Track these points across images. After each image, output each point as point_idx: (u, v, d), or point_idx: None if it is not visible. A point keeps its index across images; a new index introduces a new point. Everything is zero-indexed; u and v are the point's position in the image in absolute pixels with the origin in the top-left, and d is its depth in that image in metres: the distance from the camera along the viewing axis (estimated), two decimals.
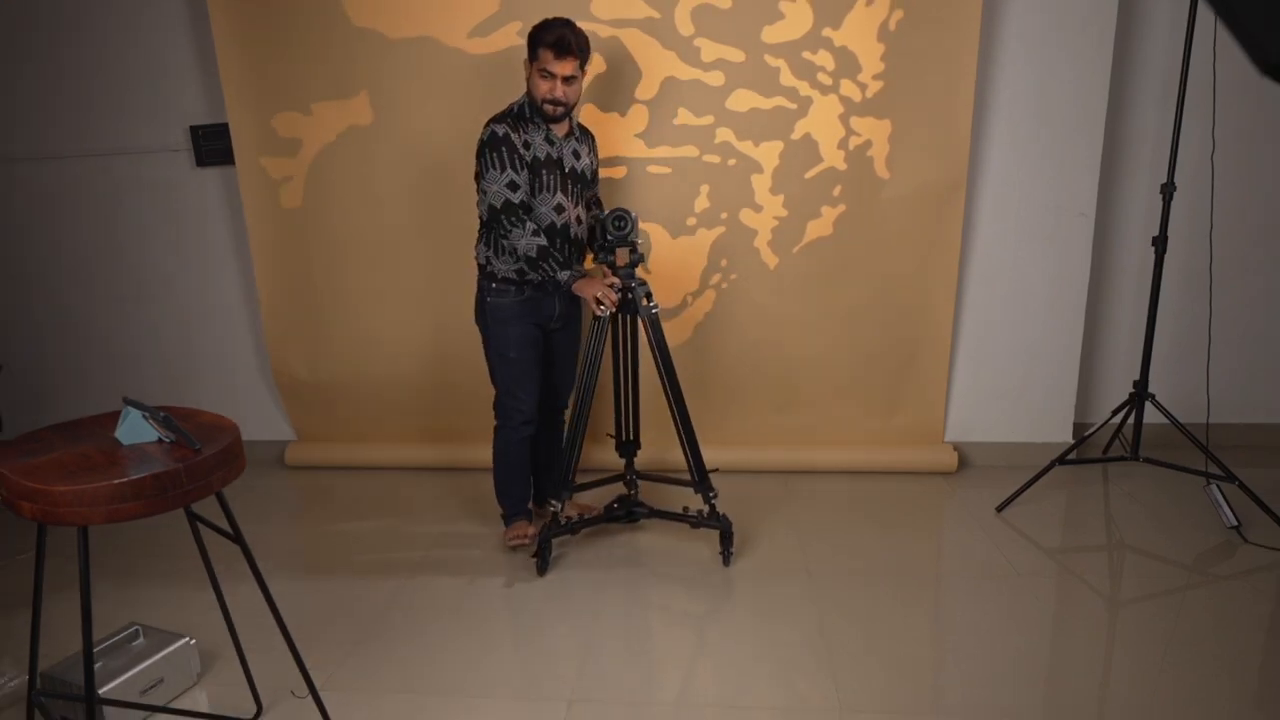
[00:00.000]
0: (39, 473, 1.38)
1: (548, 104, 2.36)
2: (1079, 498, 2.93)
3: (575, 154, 2.49)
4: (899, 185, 2.91)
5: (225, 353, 3.52)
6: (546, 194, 2.44)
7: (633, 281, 2.40)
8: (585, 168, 2.53)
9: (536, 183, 2.42)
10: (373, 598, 2.42)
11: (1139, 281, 3.16)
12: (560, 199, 2.46)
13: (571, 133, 2.49)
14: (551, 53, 2.30)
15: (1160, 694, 1.87)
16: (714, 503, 2.52)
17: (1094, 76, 2.84)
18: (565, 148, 2.46)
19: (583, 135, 2.57)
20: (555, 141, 2.44)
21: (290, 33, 2.93)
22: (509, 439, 2.59)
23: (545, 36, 2.31)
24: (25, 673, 2.06)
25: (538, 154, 2.41)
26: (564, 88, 2.34)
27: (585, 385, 2.42)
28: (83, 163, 3.34)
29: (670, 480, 2.68)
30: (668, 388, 2.44)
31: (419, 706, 1.93)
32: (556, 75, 2.32)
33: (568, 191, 2.47)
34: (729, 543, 2.51)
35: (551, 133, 2.44)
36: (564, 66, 2.32)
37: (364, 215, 3.12)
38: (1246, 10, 0.50)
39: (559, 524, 2.49)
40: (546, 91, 2.34)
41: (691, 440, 2.49)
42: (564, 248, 2.48)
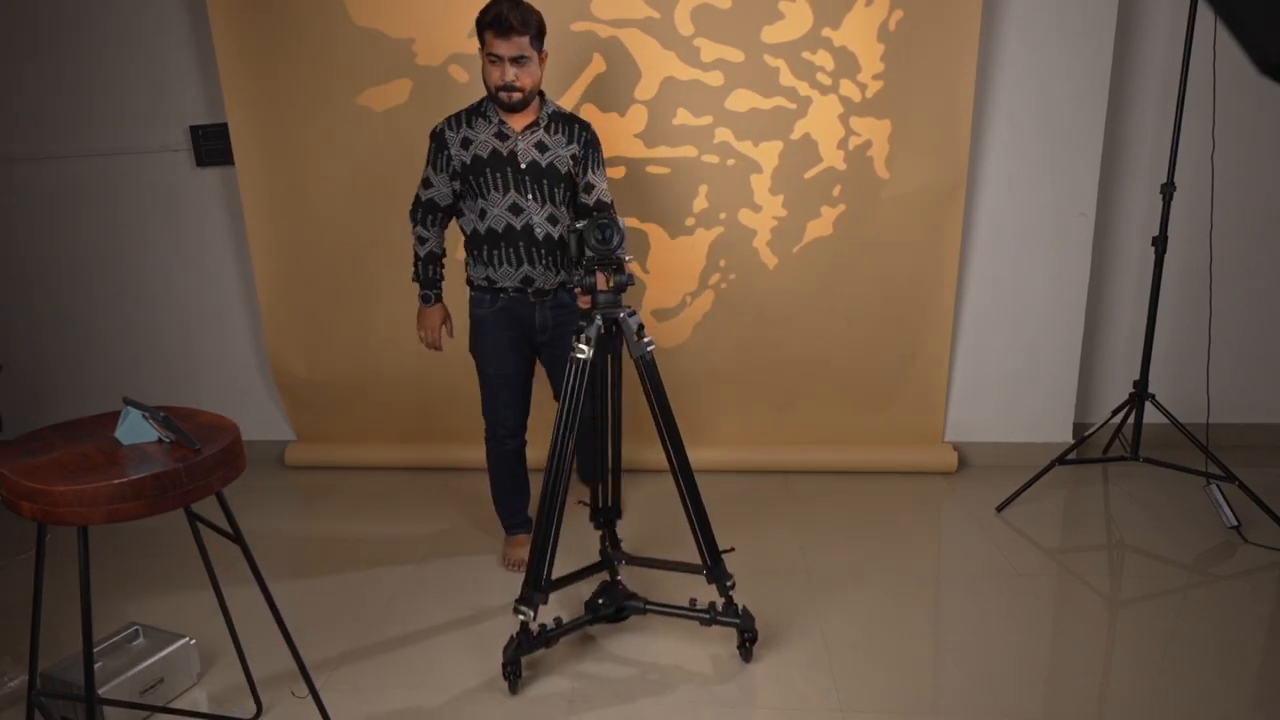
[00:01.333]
0: (39, 473, 1.38)
1: (502, 92, 2.17)
2: (1079, 498, 2.93)
3: (540, 146, 2.26)
4: (899, 185, 2.91)
5: (225, 353, 3.52)
6: (496, 194, 2.27)
7: (619, 311, 1.91)
8: (556, 161, 2.27)
9: (481, 182, 2.27)
10: (373, 598, 2.42)
11: (1139, 281, 3.16)
12: (515, 198, 2.26)
13: (537, 124, 2.26)
14: (492, 33, 2.12)
15: (1160, 694, 1.87)
16: (731, 593, 2.04)
17: (1094, 76, 2.84)
18: (523, 140, 2.25)
19: (559, 126, 2.29)
20: (509, 135, 2.24)
21: (291, 32, 2.93)
22: (495, 451, 2.52)
23: (484, 17, 2.13)
24: (25, 673, 2.06)
25: (480, 151, 2.24)
26: (515, 70, 2.13)
27: (559, 445, 1.90)
28: (83, 163, 3.33)
29: (670, 566, 2.19)
30: (669, 446, 1.95)
31: (419, 706, 1.93)
32: (503, 57, 2.12)
33: (525, 189, 2.26)
34: (750, 637, 2.03)
35: (506, 125, 2.24)
36: (508, 46, 2.11)
37: (364, 215, 3.11)
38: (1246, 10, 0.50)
39: (530, 637, 1.96)
40: (498, 78, 2.15)
41: (700, 513, 2.00)
42: (531, 251, 2.29)
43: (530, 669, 2.03)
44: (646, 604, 2.10)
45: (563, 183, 2.31)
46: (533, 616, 1.94)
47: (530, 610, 1.94)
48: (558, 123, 2.30)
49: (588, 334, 1.88)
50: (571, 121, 2.34)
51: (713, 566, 2.02)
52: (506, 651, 1.95)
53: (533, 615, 1.94)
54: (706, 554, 2.02)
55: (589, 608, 2.11)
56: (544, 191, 2.28)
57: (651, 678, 2.00)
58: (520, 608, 1.94)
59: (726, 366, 3.15)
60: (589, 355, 1.89)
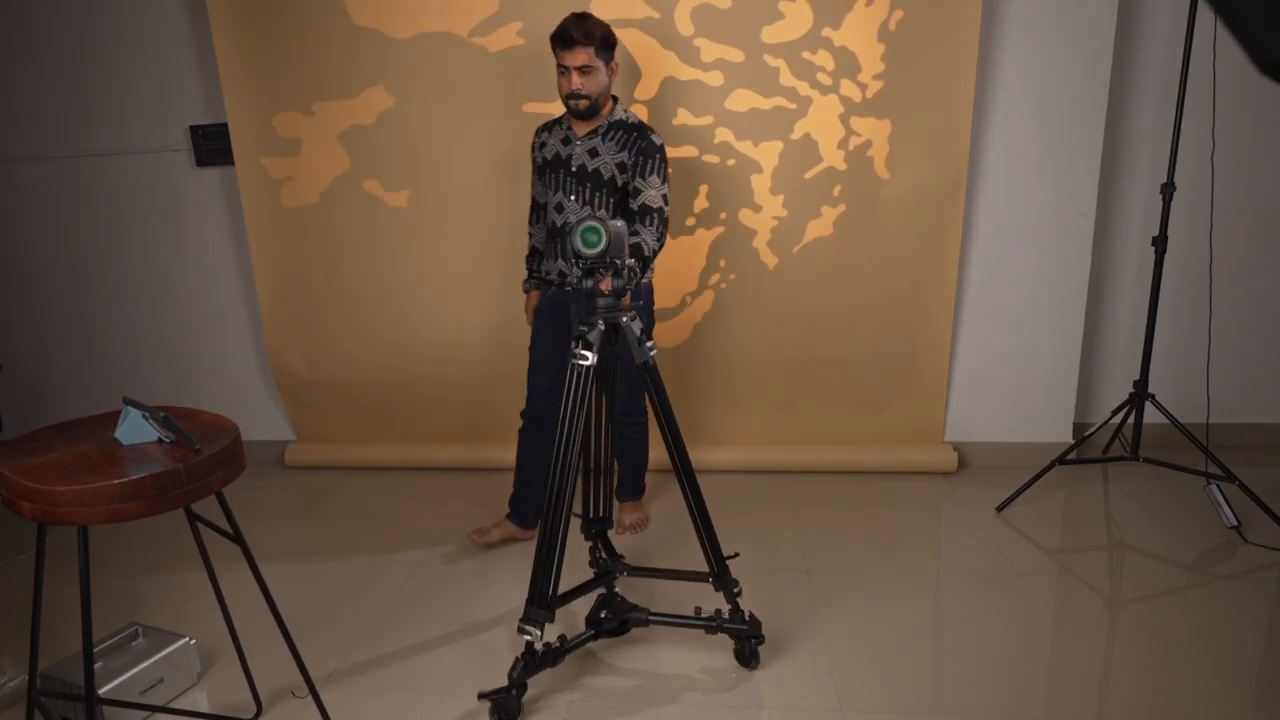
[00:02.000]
0: (39, 473, 1.38)
1: (570, 100, 2.36)
2: (1079, 498, 2.93)
3: (592, 152, 2.42)
4: (899, 185, 2.91)
5: (225, 353, 3.52)
6: (553, 193, 2.50)
7: (621, 315, 1.87)
8: (601, 167, 2.41)
9: (545, 182, 2.51)
10: (373, 598, 2.42)
11: (1139, 281, 3.16)
12: (561, 198, 2.47)
13: (596, 131, 2.42)
14: (558, 45, 2.32)
15: (1160, 694, 1.87)
16: (738, 599, 2.00)
17: (1094, 76, 2.84)
18: (580, 146, 2.43)
19: (617, 134, 2.42)
20: (571, 140, 2.44)
21: (291, 32, 2.93)
22: (521, 438, 2.67)
23: (553, 33, 2.33)
24: (25, 673, 2.06)
25: (548, 154, 2.48)
26: (581, 79, 2.32)
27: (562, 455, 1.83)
28: (83, 163, 3.33)
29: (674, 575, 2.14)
30: (673, 452, 1.92)
31: (419, 706, 1.93)
32: (570, 67, 2.32)
33: (569, 190, 2.45)
34: (757, 643, 2.00)
35: (572, 131, 2.45)
36: (574, 57, 2.30)
37: (364, 215, 3.12)
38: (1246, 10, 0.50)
39: (535, 657, 1.87)
40: (565, 87, 2.35)
41: (705, 519, 1.96)
42: (564, 249, 2.49)
43: (532, 683, 1.97)
44: (650, 615, 2.04)
45: (605, 188, 2.43)
46: (539, 636, 1.86)
47: (536, 630, 1.85)
48: (616, 130, 2.43)
49: (589, 338, 1.83)
50: (630, 130, 2.43)
51: (720, 574, 1.98)
52: (512, 674, 1.85)
53: (539, 635, 1.85)
54: (713, 561, 1.97)
55: (590, 622, 2.05)
56: (585, 193, 2.45)
57: (655, 687, 1.96)
58: (525, 628, 1.85)
59: (726, 366, 3.15)
60: (592, 361, 1.81)
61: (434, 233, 3.10)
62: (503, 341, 3.15)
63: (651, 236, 2.39)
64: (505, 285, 3.11)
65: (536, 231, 2.64)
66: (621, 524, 2.80)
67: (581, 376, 1.83)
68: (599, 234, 1.81)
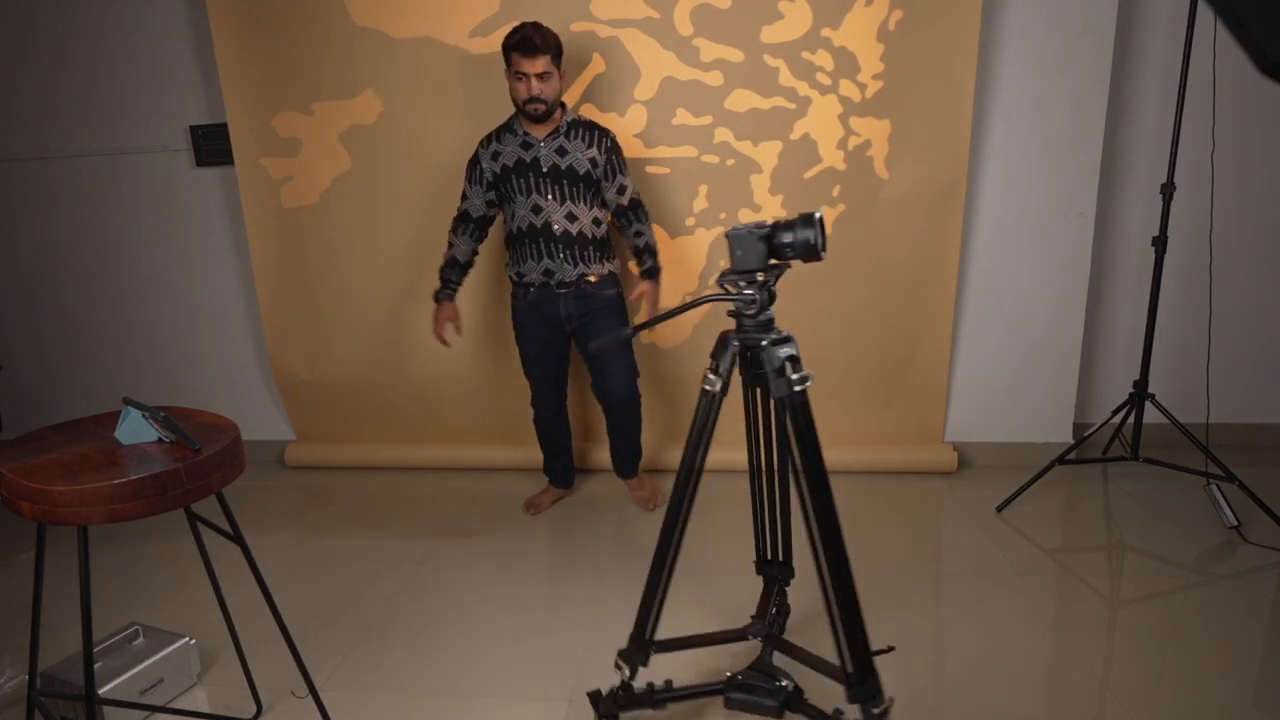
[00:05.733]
0: (39, 473, 1.38)
1: (530, 104, 2.46)
2: (1079, 498, 2.93)
3: (560, 151, 2.54)
4: (898, 185, 2.91)
5: (225, 353, 3.52)
6: (521, 197, 2.58)
7: (762, 337, 1.50)
8: (575, 163, 2.55)
9: (509, 188, 2.59)
10: (373, 598, 2.42)
11: (1139, 281, 3.16)
12: (536, 199, 2.56)
13: (557, 131, 2.54)
14: (518, 53, 2.41)
15: (1160, 694, 1.87)
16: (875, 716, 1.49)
17: (1094, 76, 2.84)
18: (546, 148, 2.54)
19: (580, 133, 2.57)
20: (533, 144, 2.54)
21: (291, 32, 2.93)
22: (535, 414, 2.92)
23: (510, 40, 2.43)
24: (25, 673, 2.06)
25: (507, 161, 2.56)
26: (540, 85, 2.43)
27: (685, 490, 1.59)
28: (83, 163, 3.34)
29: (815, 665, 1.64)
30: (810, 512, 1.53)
31: (419, 706, 1.93)
32: (529, 74, 2.42)
33: (545, 190, 2.55)
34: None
35: (529, 136, 2.54)
36: (534, 64, 2.41)
37: (364, 215, 3.12)
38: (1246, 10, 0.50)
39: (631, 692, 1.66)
40: (524, 92, 2.45)
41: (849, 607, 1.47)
42: (550, 246, 2.59)
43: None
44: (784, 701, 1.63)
45: (581, 183, 2.57)
46: (628, 675, 1.65)
47: (627, 669, 1.64)
48: (578, 129, 2.57)
49: (721, 361, 1.54)
50: (592, 128, 2.59)
51: (858, 678, 1.47)
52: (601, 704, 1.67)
53: (628, 674, 1.65)
54: (851, 663, 1.48)
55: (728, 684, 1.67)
56: (562, 190, 2.56)
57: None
58: (620, 662, 1.66)
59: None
60: (717, 389, 1.54)
61: (435, 232, 3.10)
62: (502, 341, 3.15)
63: (649, 227, 2.70)
64: (505, 285, 3.11)
65: (461, 242, 2.72)
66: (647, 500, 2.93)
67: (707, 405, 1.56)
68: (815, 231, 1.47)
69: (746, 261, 1.50)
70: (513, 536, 2.78)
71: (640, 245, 2.70)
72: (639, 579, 2.46)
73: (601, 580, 2.47)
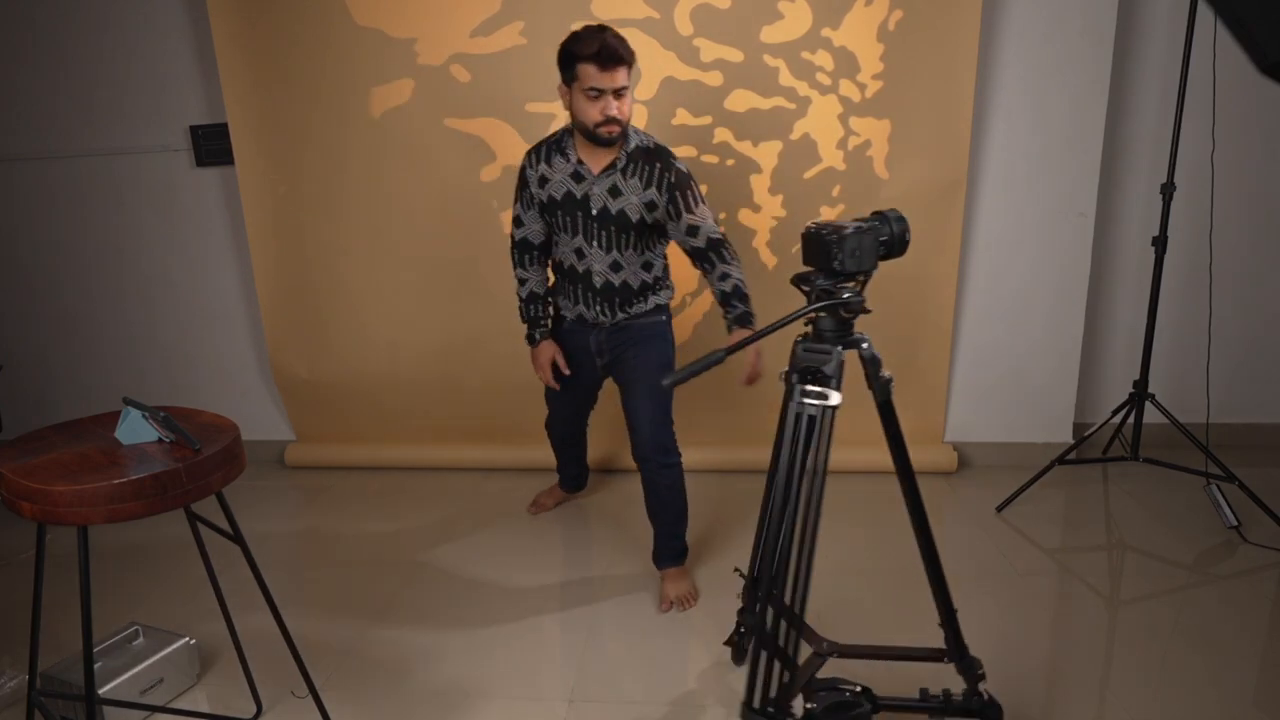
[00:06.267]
0: (39, 473, 1.38)
1: (602, 127, 2.03)
2: (1079, 498, 2.93)
3: (613, 191, 2.14)
4: (898, 185, 2.91)
5: (225, 353, 3.52)
6: (565, 235, 2.24)
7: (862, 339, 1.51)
8: (627, 209, 2.15)
9: (554, 222, 2.25)
10: (373, 598, 2.42)
11: (1139, 281, 3.16)
12: (581, 243, 2.21)
13: (614, 165, 2.13)
14: (595, 66, 1.97)
15: (1160, 694, 1.87)
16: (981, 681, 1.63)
17: (1094, 76, 2.84)
18: (598, 186, 2.14)
19: (639, 168, 2.13)
20: (585, 178, 2.14)
21: (291, 32, 2.93)
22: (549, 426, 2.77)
23: (583, 50, 1.97)
24: (25, 673, 2.06)
25: (554, 192, 2.19)
26: (619, 103, 2.01)
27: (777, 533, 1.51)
28: (83, 163, 3.33)
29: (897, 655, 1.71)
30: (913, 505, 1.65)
31: (419, 706, 1.93)
32: (607, 90, 1.99)
33: (592, 235, 2.18)
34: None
35: (584, 166, 2.14)
36: (614, 78, 1.98)
37: (364, 215, 3.11)
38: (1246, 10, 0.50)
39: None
40: (600, 113, 2.01)
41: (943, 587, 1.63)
42: (587, 295, 2.28)
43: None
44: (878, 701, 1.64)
45: (631, 230, 2.18)
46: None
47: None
48: (637, 163, 2.13)
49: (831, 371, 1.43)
50: (653, 160, 2.14)
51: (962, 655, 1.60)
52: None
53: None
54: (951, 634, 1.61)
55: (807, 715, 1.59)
56: (609, 237, 2.19)
57: None
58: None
59: (726, 366, 3.13)
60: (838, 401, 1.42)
61: (434, 233, 3.10)
62: (503, 341, 3.15)
63: (738, 268, 2.14)
64: (505, 285, 3.10)
65: (534, 274, 2.38)
66: (665, 597, 2.31)
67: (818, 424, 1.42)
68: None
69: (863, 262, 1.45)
70: (513, 536, 2.78)
71: (727, 290, 2.14)
72: (639, 579, 2.46)
73: (602, 580, 2.47)
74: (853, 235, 1.40)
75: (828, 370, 1.41)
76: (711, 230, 2.16)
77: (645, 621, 2.24)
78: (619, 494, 3.09)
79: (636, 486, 3.06)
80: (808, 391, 1.38)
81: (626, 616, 2.27)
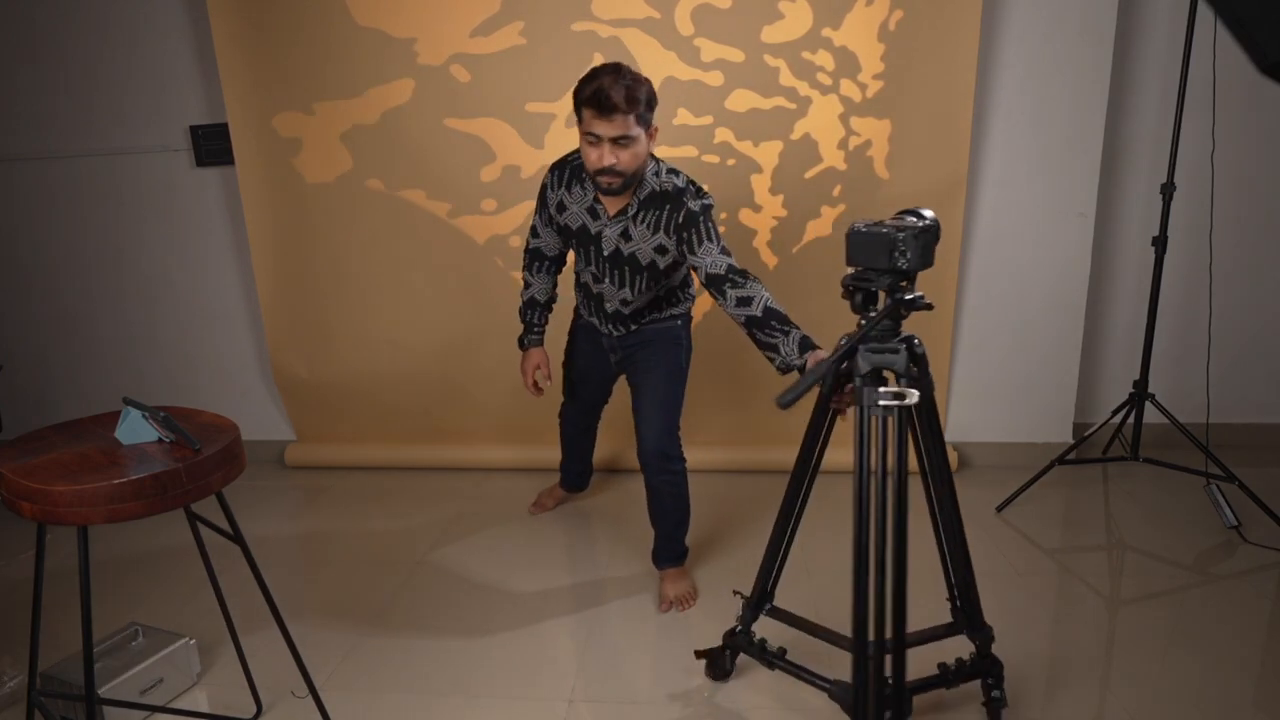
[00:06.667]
0: (39, 473, 1.38)
1: (602, 177, 1.94)
2: (1079, 498, 2.93)
3: (625, 235, 2.08)
4: (899, 185, 2.91)
5: (225, 353, 3.52)
6: (581, 260, 2.23)
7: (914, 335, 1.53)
8: (638, 253, 2.09)
9: (572, 245, 2.22)
10: (373, 598, 2.42)
11: (1139, 281, 3.16)
12: (594, 271, 2.19)
13: (626, 211, 2.05)
14: (591, 111, 1.86)
15: (1160, 694, 1.87)
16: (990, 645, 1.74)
17: (1094, 76, 2.84)
18: (612, 228, 2.08)
19: (649, 214, 2.04)
20: (599, 216, 2.09)
21: (292, 32, 2.93)
22: (563, 415, 2.76)
23: (583, 92, 1.88)
24: (25, 673, 2.06)
25: (570, 222, 2.15)
26: (616, 153, 1.89)
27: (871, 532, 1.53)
28: (83, 163, 3.33)
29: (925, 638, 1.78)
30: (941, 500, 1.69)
31: (419, 706, 1.93)
32: (602, 138, 1.88)
33: (604, 273, 2.16)
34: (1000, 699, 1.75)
35: (598, 205, 2.08)
36: (610, 126, 1.86)
37: (364, 215, 3.11)
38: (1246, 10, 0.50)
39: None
40: (595, 161, 1.92)
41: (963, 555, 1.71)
42: (600, 314, 2.30)
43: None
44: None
45: (645, 272, 2.13)
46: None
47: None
48: (649, 209, 2.04)
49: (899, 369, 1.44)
50: (663, 204, 2.03)
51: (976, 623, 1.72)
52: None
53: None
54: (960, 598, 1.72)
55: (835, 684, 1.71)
56: (623, 277, 2.16)
57: None
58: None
59: (726, 366, 3.15)
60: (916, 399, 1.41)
61: (434, 233, 3.10)
62: (502, 341, 3.15)
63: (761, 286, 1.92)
64: (504, 285, 3.10)
65: (539, 281, 2.39)
66: (664, 597, 2.30)
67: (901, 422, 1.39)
68: None
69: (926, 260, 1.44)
70: (513, 537, 2.78)
71: (758, 315, 1.88)
72: (640, 579, 2.46)
73: (602, 581, 2.47)
74: (919, 234, 1.39)
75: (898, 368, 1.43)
76: (715, 265, 1.93)
77: (645, 622, 2.24)
78: (620, 494, 3.09)
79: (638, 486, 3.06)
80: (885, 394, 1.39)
81: (627, 617, 2.27)
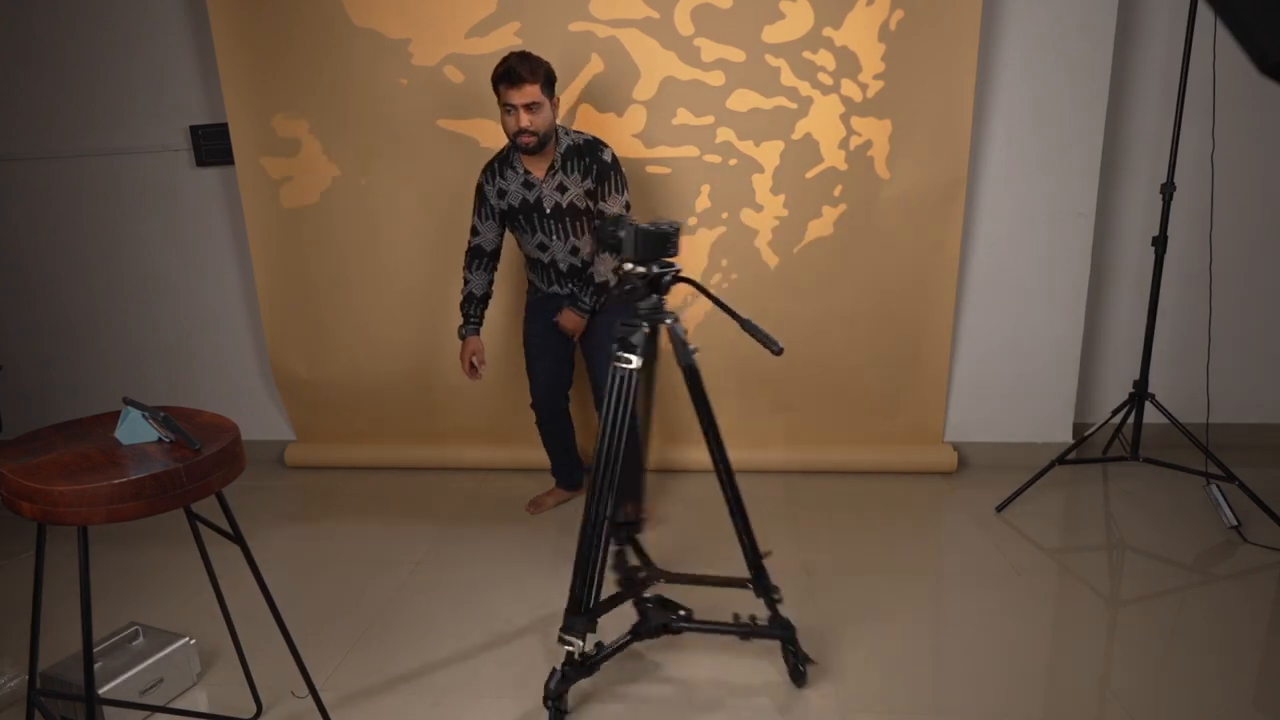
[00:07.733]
0: (39, 473, 1.38)
1: (519, 137, 2.40)
2: (1079, 498, 2.93)
3: (560, 188, 2.51)
4: (899, 185, 2.91)
5: (225, 353, 3.52)
6: (527, 234, 2.60)
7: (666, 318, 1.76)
8: (573, 200, 2.53)
9: (516, 224, 2.60)
10: (373, 598, 2.42)
11: (1139, 281, 3.16)
12: (541, 238, 2.59)
13: (554, 166, 2.50)
14: (504, 85, 2.35)
15: (1160, 694, 1.87)
16: (778, 605, 1.92)
17: (1094, 76, 2.84)
18: (546, 187, 2.51)
19: (574, 163, 2.51)
20: (535, 184, 2.51)
21: (291, 32, 2.93)
22: (537, 423, 2.89)
23: (495, 72, 2.37)
24: (25, 673, 2.06)
25: (512, 201, 2.55)
26: (529, 116, 2.37)
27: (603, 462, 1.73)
28: (83, 163, 3.34)
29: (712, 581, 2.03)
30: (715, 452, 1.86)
31: (418, 706, 1.93)
32: (517, 105, 2.36)
33: (550, 230, 2.57)
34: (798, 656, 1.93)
35: (530, 175, 2.50)
36: (521, 95, 2.34)
37: (364, 215, 3.12)
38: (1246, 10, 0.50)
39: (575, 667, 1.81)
40: (513, 125, 2.39)
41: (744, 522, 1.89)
42: (559, 278, 2.66)
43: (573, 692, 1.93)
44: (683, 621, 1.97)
45: (583, 217, 2.57)
46: (580, 647, 1.77)
47: (578, 640, 1.76)
48: (572, 159, 2.51)
49: (634, 340, 1.72)
50: (582, 155, 2.51)
51: (758, 579, 1.91)
52: (549, 685, 1.78)
53: (580, 645, 1.77)
54: (750, 560, 1.90)
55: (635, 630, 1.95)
56: (565, 228, 2.57)
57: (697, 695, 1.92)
58: (566, 638, 1.76)
59: (727, 366, 3.15)
60: (637, 365, 1.70)
61: (434, 233, 3.10)
62: (502, 341, 3.15)
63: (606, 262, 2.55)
64: (504, 285, 3.11)
65: (478, 278, 2.68)
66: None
67: (624, 380, 1.71)
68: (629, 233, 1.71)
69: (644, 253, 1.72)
70: (513, 536, 2.78)
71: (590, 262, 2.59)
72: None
73: None
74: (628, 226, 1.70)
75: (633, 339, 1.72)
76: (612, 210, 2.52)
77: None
78: None
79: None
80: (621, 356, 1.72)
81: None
